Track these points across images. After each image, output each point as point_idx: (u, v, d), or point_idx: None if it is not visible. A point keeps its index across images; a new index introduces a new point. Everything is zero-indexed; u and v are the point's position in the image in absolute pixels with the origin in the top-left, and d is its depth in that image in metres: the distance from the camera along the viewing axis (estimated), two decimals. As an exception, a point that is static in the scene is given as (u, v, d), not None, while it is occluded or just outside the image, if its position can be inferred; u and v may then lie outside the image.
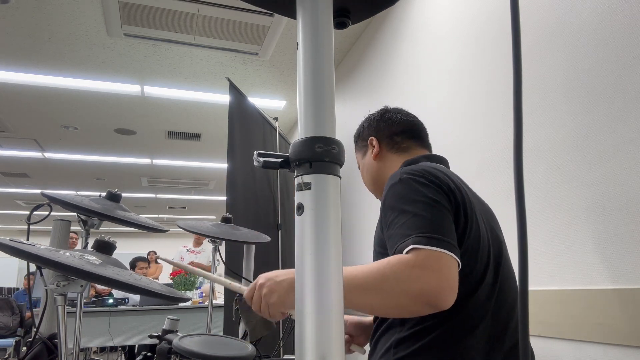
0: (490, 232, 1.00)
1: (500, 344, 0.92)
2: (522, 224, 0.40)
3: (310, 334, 0.46)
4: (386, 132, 1.23)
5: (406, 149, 1.21)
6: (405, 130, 1.22)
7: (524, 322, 0.40)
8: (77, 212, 1.23)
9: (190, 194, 8.82)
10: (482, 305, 0.91)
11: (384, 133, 1.23)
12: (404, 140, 1.21)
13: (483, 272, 0.93)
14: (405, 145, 1.21)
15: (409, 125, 1.23)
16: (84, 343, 3.61)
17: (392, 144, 1.22)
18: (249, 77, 3.82)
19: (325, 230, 0.48)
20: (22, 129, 4.96)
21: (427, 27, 2.33)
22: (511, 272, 1.02)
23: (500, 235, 1.05)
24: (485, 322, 0.91)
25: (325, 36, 0.54)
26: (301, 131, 0.51)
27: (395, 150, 1.21)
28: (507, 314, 0.95)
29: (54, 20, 3.01)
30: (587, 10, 1.38)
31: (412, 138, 1.22)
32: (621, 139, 1.24)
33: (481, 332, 0.90)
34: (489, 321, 0.91)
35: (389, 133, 1.22)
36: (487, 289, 0.93)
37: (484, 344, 0.90)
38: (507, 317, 0.95)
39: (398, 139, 1.22)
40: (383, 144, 1.23)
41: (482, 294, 0.92)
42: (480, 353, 0.89)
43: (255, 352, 1.16)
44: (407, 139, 1.22)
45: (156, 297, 0.85)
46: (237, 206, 2.62)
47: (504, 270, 0.98)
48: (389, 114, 1.26)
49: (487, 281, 0.93)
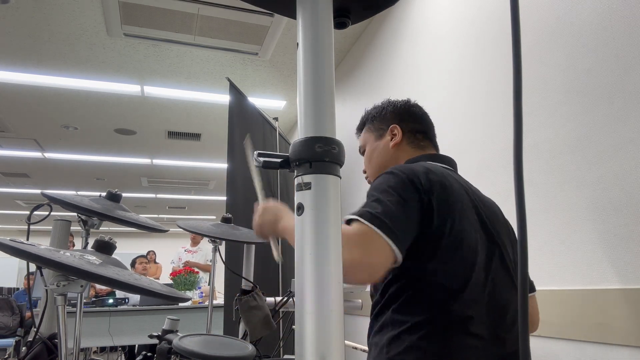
0: (486, 233, 1.01)
1: (500, 346, 0.93)
2: (522, 224, 0.40)
3: (310, 334, 0.46)
4: (410, 126, 1.24)
5: (423, 147, 1.23)
6: (426, 130, 1.25)
7: (524, 322, 0.40)
8: (77, 212, 1.24)
9: (190, 194, 8.82)
10: (471, 304, 0.92)
11: (408, 125, 1.24)
12: (424, 138, 1.24)
13: (468, 271, 0.93)
14: (424, 144, 1.23)
15: (429, 126, 1.27)
16: (84, 343, 3.61)
17: (412, 138, 1.23)
18: (249, 77, 3.82)
19: (325, 230, 0.48)
20: (22, 129, 4.96)
21: (427, 27, 2.33)
22: (509, 274, 1.02)
23: (503, 238, 1.05)
24: (476, 321, 0.91)
25: (325, 36, 0.54)
26: (301, 131, 0.51)
27: (413, 146, 1.22)
28: (501, 315, 0.95)
29: (54, 20, 3.01)
30: (587, 10, 1.38)
31: (429, 139, 1.25)
32: (621, 139, 1.24)
33: (474, 331, 0.90)
34: (481, 320, 0.92)
35: (414, 128, 1.24)
36: (476, 289, 0.93)
37: (479, 343, 0.90)
38: (502, 319, 0.95)
39: (420, 136, 1.23)
40: (405, 136, 1.23)
41: (471, 292, 0.92)
42: (475, 352, 0.89)
43: (255, 352, 1.16)
44: (426, 138, 1.24)
45: (156, 297, 0.85)
46: (237, 206, 2.62)
47: (499, 273, 0.99)
48: (415, 109, 1.27)
49: (475, 281, 0.94)
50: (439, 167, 1.06)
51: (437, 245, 0.92)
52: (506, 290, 0.99)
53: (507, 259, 1.03)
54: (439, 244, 0.92)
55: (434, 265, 0.92)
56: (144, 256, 6.25)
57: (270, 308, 1.51)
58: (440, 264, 0.92)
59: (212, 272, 2.04)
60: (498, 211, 1.13)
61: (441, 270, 0.91)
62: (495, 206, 1.14)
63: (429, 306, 0.92)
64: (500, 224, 1.08)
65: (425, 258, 0.92)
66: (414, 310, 0.92)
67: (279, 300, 1.60)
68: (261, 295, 1.48)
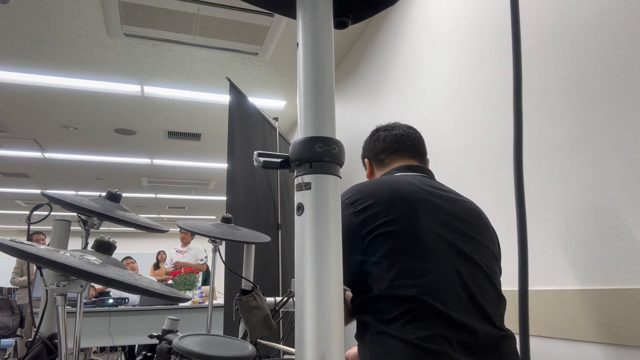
0: (452, 237, 1.04)
1: (472, 343, 0.95)
2: (522, 224, 0.40)
3: (310, 334, 0.46)
4: (373, 152, 1.35)
5: (388, 163, 1.30)
6: (387, 147, 1.32)
7: (524, 322, 0.40)
8: (77, 212, 1.23)
9: (190, 194, 8.82)
10: (431, 301, 0.95)
11: (372, 153, 1.35)
12: (387, 156, 1.31)
13: (427, 268, 0.98)
14: (388, 160, 1.31)
15: (392, 141, 1.32)
16: (84, 343, 3.61)
17: (378, 162, 1.34)
18: (249, 77, 3.82)
19: (325, 230, 0.48)
20: (22, 129, 4.96)
21: (427, 27, 2.33)
22: (474, 272, 1.04)
23: (471, 243, 1.07)
24: (436, 317, 0.94)
25: (325, 36, 0.54)
26: (301, 131, 0.51)
27: (381, 167, 1.32)
28: (465, 311, 0.98)
29: (54, 20, 3.01)
30: (588, 10, 1.38)
31: (396, 152, 1.30)
32: (621, 139, 1.24)
33: (435, 326, 0.94)
34: (443, 317, 0.95)
35: (375, 152, 1.34)
36: (435, 286, 0.97)
37: (447, 340, 0.93)
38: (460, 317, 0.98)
39: (382, 156, 1.32)
40: (373, 163, 1.35)
41: (433, 288, 0.96)
42: (442, 346, 0.92)
43: (255, 352, 1.16)
44: (390, 154, 1.31)
45: (156, 297, 0.85)
46: (237, 206, 2.62)
47: (466, 271, 1.02)
48: (377, 134, 1.36)
49: (435, 275, 0.97)
50: (387, 179, 1.12)
51: (379, 244, 1.05)
52: (485, 289, 1.04)
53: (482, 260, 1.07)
54: (383, 243, 1.03)
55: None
56: (129, 257, 6.66)
57: (270, 308, 1.51)
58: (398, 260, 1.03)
59: (212, 272, 2.04)
60: (472, 216, 1.14)
61: (387, 264, 1.03)
62: (474, 211, 1.16)
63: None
64: (475, 228, 1.11)
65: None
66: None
67: (279, 300, 1.60)
68: (261, 295, 1.49)
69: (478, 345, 0.95)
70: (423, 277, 0.97)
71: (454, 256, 1.02)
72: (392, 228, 1.00)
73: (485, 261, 1.07)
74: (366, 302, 1.01)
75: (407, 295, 0.95)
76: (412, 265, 0.97)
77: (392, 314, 0.96)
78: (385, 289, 0.97)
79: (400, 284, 0.96)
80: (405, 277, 0.96)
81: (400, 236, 1.00)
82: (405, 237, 1.00)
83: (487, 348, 0.96)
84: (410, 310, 0.94)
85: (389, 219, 1.01)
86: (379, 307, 0.98)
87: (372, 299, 0.99)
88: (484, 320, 0.99)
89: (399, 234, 1.00)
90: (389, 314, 0.96)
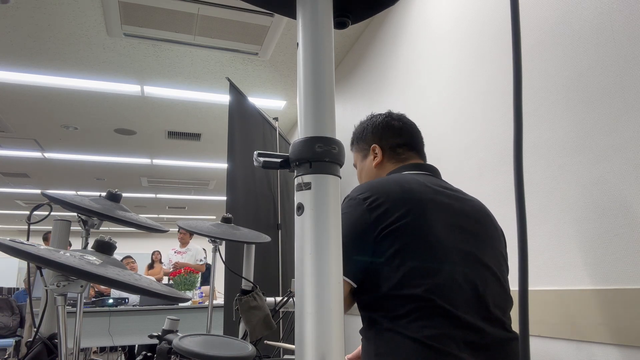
0: (461, 238, 1.04)
1: (478, 343, 0.95)
2: (522, 224, 0.40)
3: (310, 334, 0.46)
4: (390, 142, 1.26)
5: (404, 159, 1.25)
6: (407, 142, 1.26)
7: (524, 322, 0.40)
8: (77, 212, 1.23)
9: (190, 194, 8.82)
10: (438, 300, 0.95)
11: (387, 143, 1.26)
12: (405, 151, 1.25)
13: (436, 268, 0.98)
14: (405, 156, 1.25)
15: (410, 136, 1.27)
16: (84, 343, 3.61)
17: (393, 154, 1.25)
18: (249, 77, 3.82)
19: (325, 230, 0.48)
20: (22, 129, 4.96)
21: (427, 27, 2.33)
22: (482, 272, 1.04)
23: (480, 243, 1.07)
24: (443, 317, 0.95)
25: (325, 36, 0.54)
26: (301, 131, 0.51)
27: (395, 161, 1.25)
28: (472, 311, 0.99)
29: (54, 20, 3.01)
30: (588, 10, 1.38)
31: (412, 149, 1.26)
32: (621, 139, 1.24)
33: (441, 324, 0.94)
34: (452, 316, 0.95)
35: (393, 144, 1.26)
36: (444, 286, 0.97)
37: (453, 339, 0.93)
38: (470, 315, 0.98)
39: (400, 150, 1.25)
40: (385, 154, 1.26)
41: (441, 287, 0.97)
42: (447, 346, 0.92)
43: (255, 352, 1.16)
44: (408, 150, 1.26)
45: (156, 297, 0.85)
46: (237, 206, 2.62)
47: (475, 272, 1.02)
48: (395, 123, 1.28)
49: (444, 275, 0.97)
50: (405, 179, 1.10)
51: (391, 241, 1.03)
52: (492, 290, 1.04)
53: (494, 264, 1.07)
54: (395, 241, 1.02)
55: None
56: (128, 256, 6.40)
57: (270, 308, 1.51)
58: (405, 260, 1.02)
59: (212, 272, 2.04)
60: (481, 218, 1.14)
61: (396, 264, 1.02)
62: (482, 212, 1.15)
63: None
64: (485, 230, 1.11)
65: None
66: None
67: (279, 300, 1.60)
68: (261, 295, 1.49)
69: (484, 345, 0.95)
70: (432, 277, 0.96)
71: (463, 257, 1.02)
72: (403, 227, 1.00)
73: (493, 261, 1.07)
74: (373, 300, 1.01)
75: (415, 294, 0.95)
76: (421, 265, 0.97)
77: (400, 311, 0.96)
78: (394, 287, 0.97)
79: (409, 283, 0.96)
80: (415, 276, 0.96)
81: (410, 235, 0.99)
82: (416, 236, 0.99)
83: (493, 349, 0.96)
84: (417, 308, 0.94)
85: (400, 217, 1.00)
86: (386, 305, 0.98)
87: (380, 296, 0.99)
88: (491, 321, 0.99)
89: (410, 234, 0.99)
90: (396, 311, 0.96)
